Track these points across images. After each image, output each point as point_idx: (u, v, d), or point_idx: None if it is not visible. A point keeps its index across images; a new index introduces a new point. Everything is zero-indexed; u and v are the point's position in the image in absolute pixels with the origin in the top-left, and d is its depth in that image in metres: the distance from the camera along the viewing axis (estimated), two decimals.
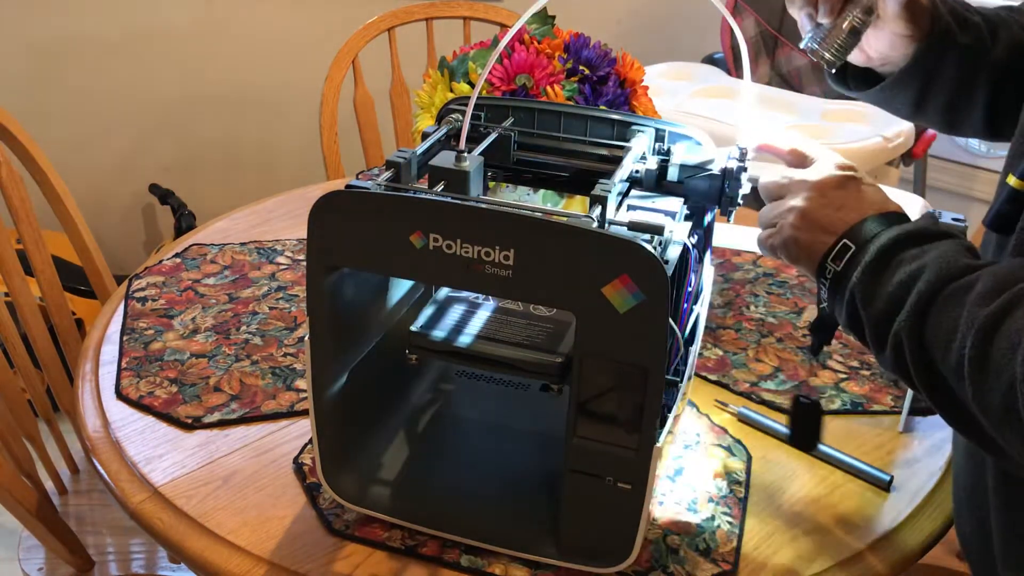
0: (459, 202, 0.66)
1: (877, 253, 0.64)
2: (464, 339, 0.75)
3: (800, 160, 0.75)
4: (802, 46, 0.83)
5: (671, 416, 0.70)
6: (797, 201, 0.70)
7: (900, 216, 0.67)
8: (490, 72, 1.06)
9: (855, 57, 0.84)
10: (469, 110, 0.71)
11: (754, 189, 0.76)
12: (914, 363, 0.60)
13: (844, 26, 0.79)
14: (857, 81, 0.88)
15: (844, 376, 1.00)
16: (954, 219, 0.69)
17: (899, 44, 0.81)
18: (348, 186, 0.66)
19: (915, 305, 0.60)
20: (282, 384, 0.96)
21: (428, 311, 0.79)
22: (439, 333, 0.76)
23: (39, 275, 1.27)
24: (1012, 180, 0.65)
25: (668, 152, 0.77)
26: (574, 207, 1.04)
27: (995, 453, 0.61)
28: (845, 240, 0.66)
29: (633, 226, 0.67)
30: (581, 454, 0.69)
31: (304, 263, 1.15)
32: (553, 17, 1.12)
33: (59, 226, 1.32)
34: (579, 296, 0.63)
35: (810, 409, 0.81)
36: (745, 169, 0.75)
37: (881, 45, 0.82)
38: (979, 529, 0.73)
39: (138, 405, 0.92)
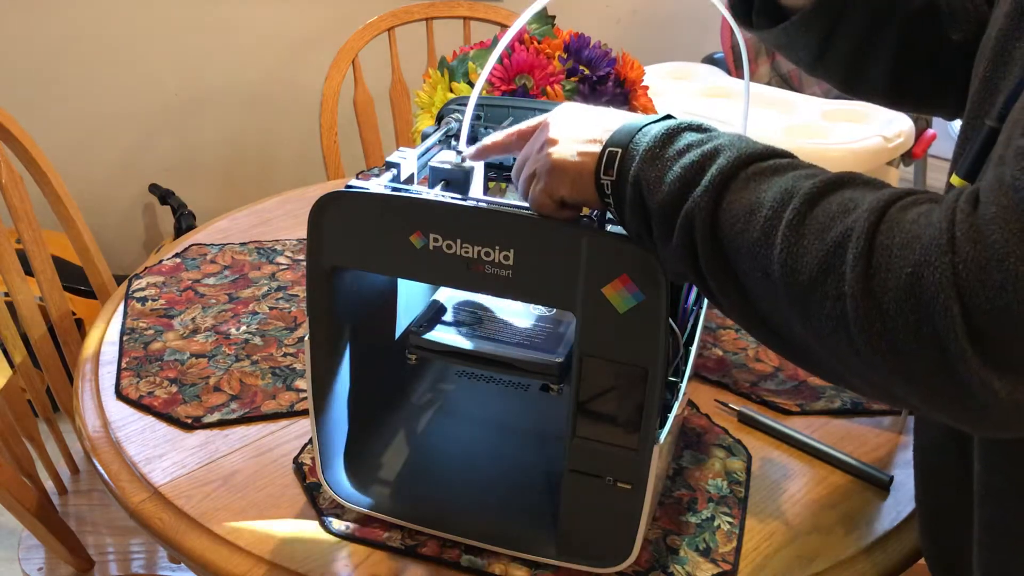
0: (459, 202, 0.66)
1: (659, 137, 0.58)
2: (464, 339, 0.75)
3: (528, 132, 0.69)
4: None
5: (671, 416, 0.70)
6: (540, 139, 0.64)
7: (658, 116, 0.61)
8: (490, 72, 1.06)
9: None
10: (469, 110, 0.71)
11: None
12: (704, 247, 0.55)
13: None
14: (761, 18, 0.83)
15: None
16: None
17: None
18: (348, 186, 0.66)
19: (713, 181, 0.54)
20: (282, 384, 0.96)
21: (428, 311, 0.79)
22: (439, 333, 0.76)
23: (39, 275, 1.27)
24: (955, 179, 0.64)
25: None
26: None
27: (795, 356, 0.55)
28: (609, 148, 0.60)
29: None
30: (581, 454, 0.69)
31: (304, 263, 1.15)
32: (553, 17, 1.12)
33: (59, 226, 1.32)
34: (579, 296, 0.63)
35: None
36: None
37: None
38: (940, 544, 0.72)
39: (138, 405, 0.92)
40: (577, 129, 0.63)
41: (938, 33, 0.79)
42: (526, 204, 0.65)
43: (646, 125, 0.60)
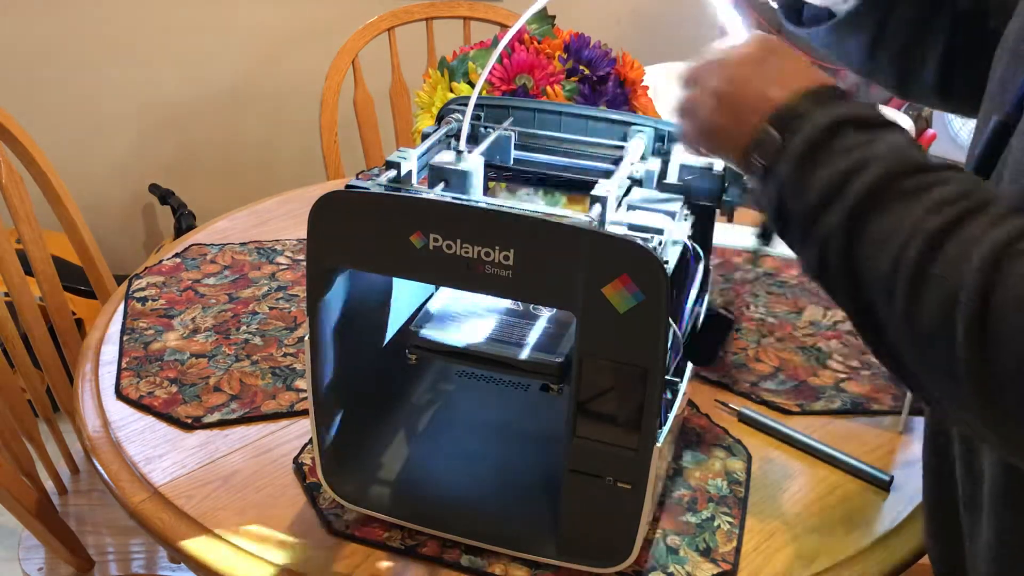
0: (459, 202, 0.66)
1: (813, 137, 0.56)
2: (464, 339, 0.75)
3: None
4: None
5: (671, 416, 0.70)
6: (712, 82, 0.63)
7: (833, 93, 0.59)
8: (490, 72, 1.06)
9: None
10: (469, 110, 0.71)
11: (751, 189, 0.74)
12: (839, 268, 0.55)
13: None
14: (811, 19, 0.82)
15: (844, 376, 1.00)
16: None
17: None
18: (348, 186, 0.66)
19: (856, 200, 0.53)
20: (282, 384, 0.96)
21: (428, 311, 0.79)
22: (439, 333, 0.76)
23: (39, 275, 1.27)
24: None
25: (668, 152, 0.77)
26: (574, 207, 1.04)
27: (915, 388, 0.56)
28: (769, 127, 0.59)
29: (633, 226, 0.67)
30: (581, 454, 0.69)
31: (304, 263, 1.15)
32: (553, 17, 1.12)
33: (59, 226, 1.32)
34: (579, 296, 0.63)
35: (719, 321, 0.74)
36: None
37: None
38: (947, 546, 0.72)
39: (138, 405, 0.92)
40: (740, 93, 0.61)
41: (988, 29, 0.78)
42: (526, 204, 0.65)
43: (812, 112, 0.58)
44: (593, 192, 0.66)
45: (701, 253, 0.78)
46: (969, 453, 0.65)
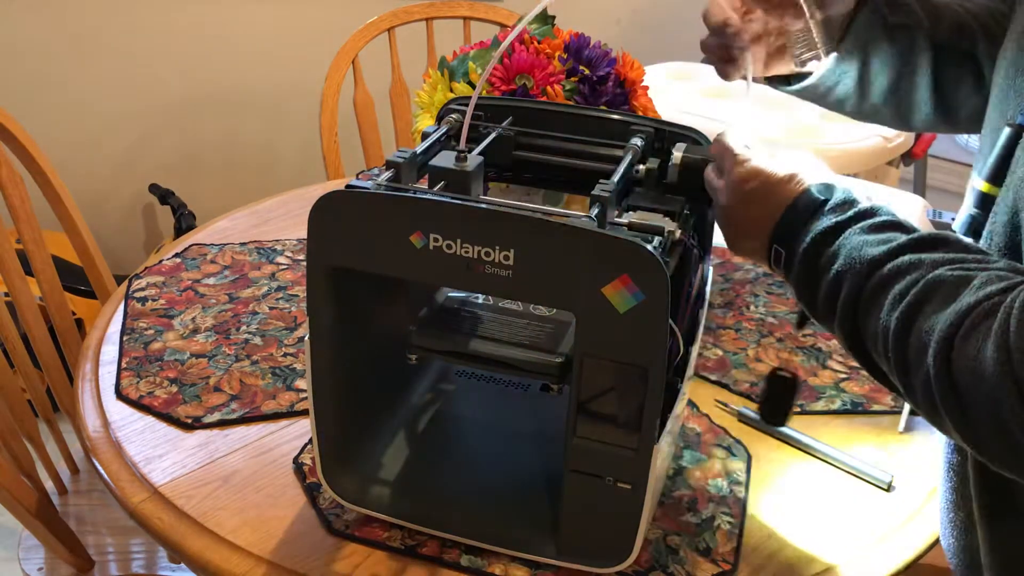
0: (459, 202, 0.66)
1: (800, 264, 0.65)
2: (464, 339, 0.75)
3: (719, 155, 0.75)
4: (799, 57, 0.84)
5: (671, 416, 0.70)
6: (720, 208, 0.72)
7: (806, 204, 0.67)
8: (490, 72, 1.06)
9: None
10: (470, 111, 0.71)
11: None
12: (857, 357, 0.64)
13: (817, 17, 0.81)
14: (797, 77, 0.88)
15: (844, 376, 1.00)
16: (952, 218, 0.69)
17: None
18: (348, 186, 0.66)
19: (842, 315, 0.62)
20: (282, 384, 0.96)
21: (428, 311, 0.79)
22: (439, 333, 0.76)
23: (39, 275, 1.27)
24: (984, 186, 0.65)
25: (668, 152, 0.77)
26: (574, 207, 1.04)
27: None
28: (776, 246, 0.68)
29: (633, 226, 0.67)
30: (581, 454, 0.69)
31: (304, 263, 1.15)
32: (553, 17, 1.12)
33: (59, 226, 1.32)
34: (579, 296, 0.63)
35: (785, 383, 0.80)
36: None
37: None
38: (963, 541, 0.73)
39: (138, 405, 0.92)
40: (746, 222, 0.70)
41: (973, 50, 0.81)
42: (526, 204, 0.65)
43: (800, 235, 0.66)
44: (593, 192, 0.66)
45: (701, 253, 0.78)
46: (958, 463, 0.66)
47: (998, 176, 0.64)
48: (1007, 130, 0.62)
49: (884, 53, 0.83)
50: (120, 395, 0.94)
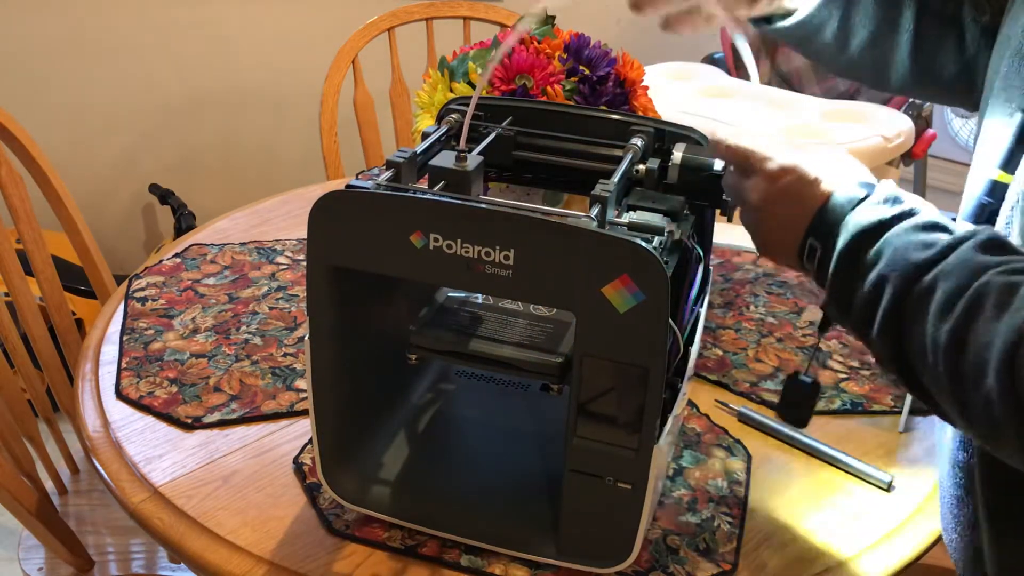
0: (459, 202, 0.66)
1: (838, 262, 0.62)
2: (464, 339, 0.75)
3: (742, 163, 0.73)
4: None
5: (671, 416, 0.70)
6: (752, 197, 0.70)
7: (847, 197, 0.64)
8: (490, 74, 1.06)
9: None
10: (470, 111, 0.71)
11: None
12: (897, 370, 0.60)
13: None
14: (779, 16, 0.86)
15: (844, 376, 1.00)
16: (953, 218, 0.68)
17: None
18: (348, 186, 0.66)
19: (883, 323, 0.59)
20: (282, 384, 0.96)
21: (428, 311, 0.79)
22: (439, 333, 0.76)
23: (39, 275, 1.27)
24: (1001, 176, 0.64)
25: (668, 152, 0.77)
26: (574, 207, 1.04)
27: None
28: (810, 240, 0.65)
29: (633, 226, 0.67)
30: (581, 454, 0.69)
31: (304, 263, 1.15)
32: (553, 17, 1.12)
33: (59, 226, 1.32)
34: (579, 296, 0.63)
35: (807, 387, 0.78)
36: None
37: None
38: (967, 538, 0.72)
39: (138, 405, 0.92)
40: (775, 232, 0.68)
41: (958, 14, 0.79)
42: (526, 204, 0.65)
43: (837, 231, 0.63)
44: (593, 192, 0.66)
45: (701, 253, 0.78)
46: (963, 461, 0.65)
47: (1012, 163, 0.63)
48: (1021, 116, 0.62)
49: (868, 4, 0.81)
50: (120, 395, 0.94)
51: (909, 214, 0.61)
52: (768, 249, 0.71)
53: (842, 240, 0.62)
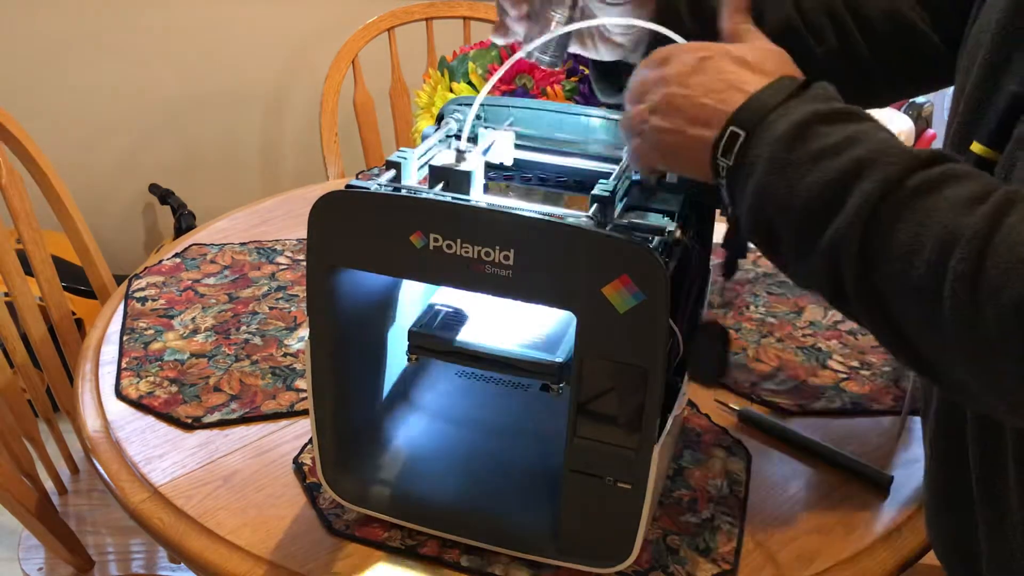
0: (459, 202, 0.66)
1: (788, 135, 0.52)
2: (464, 339, 0.75)
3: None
4: (522, 55, 0.78)
5: (671, 416, 0.70)
6: (656, 97, 0.60)
7: (790, 84, 0.56)
8: (490, 72, 1.06)
9: (610, 53, 0.80)
10: (472, 112, 0.71)
11: None
12: (854, 283, 0.51)
13: (552, 26, 0.76)
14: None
15: (844, 376, 1.00)
16: None
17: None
18: (348, 186, 0.66)
19: (860, 211, 0.49)
20: (282, 384, 0.96)
21: (427, 311, 0.79)
22: (439, 333, 0.76)
23: (39, 275, 1.27)
24: (977, 147, 0.59)
25: None
26: (574, 207, 1.04)
27: (944, 384, 0.53)
28: (732, 128, 0.55)
29: (633, 226, 0.67)
30: (581, 454, 0.69)
31: (304, 263, 1.15)
32: None
33: (59, 226, 1.32)
34: (579, 296, 0.63)
35: (712, 333, 0.70)
36: None
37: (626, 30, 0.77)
38: (958, 532, 0.72)
39: (138, 405, 0.92)
40: (690, 104, 0.58)
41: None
42: (526, 204, 0.65)
43: (779, 106, 0.54)
44: (593, 192, 0.66)
45: (701, 253, 0.78)
46: (985, 432, 0.64)
47: (999, 140, 0.62)
48: (1007, 93, 0.61)
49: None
50: (120, 395, 0.94)
51: (867, 116, 0.53)
52: (673, 153, 0.61)
53: (791, 117, 0.53)
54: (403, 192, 0.68)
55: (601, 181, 0.68)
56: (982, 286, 0.45)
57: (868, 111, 0.56)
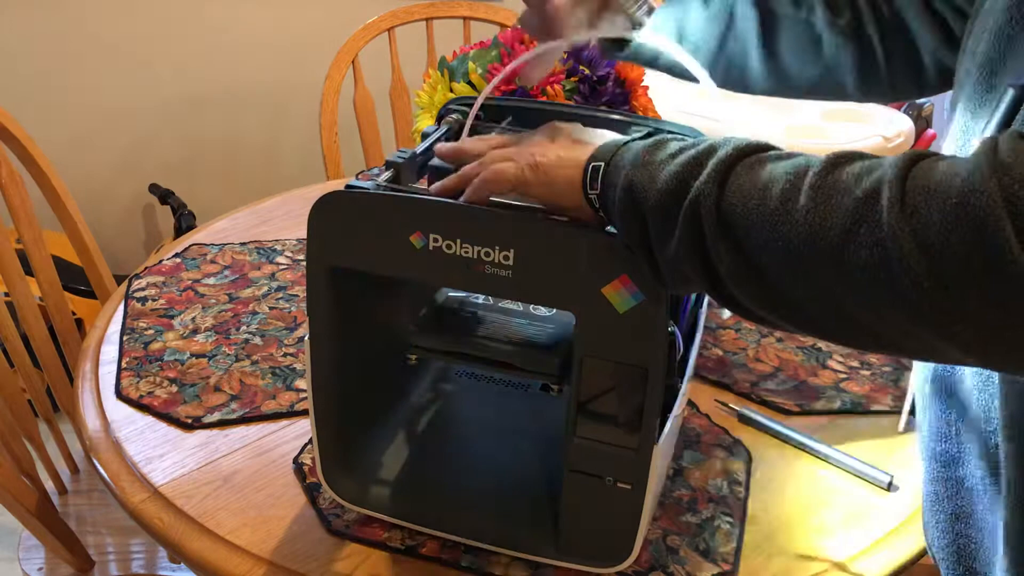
0: (459, 202, 0.66)
1: (647, 146, 0.58)
2: (464, 339, 0.75)
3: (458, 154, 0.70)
4: (628, 11, 0.78)
5: (671, 416, 0.70)
6: (526, 157, 0.64)
7: (634, 136, 0.61)
8: (490, 72, 1.06)
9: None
10: (473, 112, 0.71)
11: None
12: (712, 230, 0.53)
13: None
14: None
15: (844, 376, 1.00)
16: None
17: None
18: (348, 186, 0.66)
19: (717, 168, 0.53)
20: (282, 384, 0.96)
21: (427, 311, 0.79)
22: (439, 333, 0.76)
23: (39, 275, 1.27)
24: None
25: None
26: None
27: (819, 329, 0.55)
28: (592, 163, 0.60)
29: None
30: (581, 454, 0.69)
31: (304, 263, 1.15)
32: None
33: (59, 226, 1.32)
34: (579, 296, 0.63)
35: None
36: None
37: None
38: (954, 533, 0.72)
39: (138, 405, 0.92)
40: (557, 145, 0.64)
41: (811, 18, 0.79)
42: (526, 204, 0.64)
43: (629, 141, 0.61)
44: None
45: None
46: (988, 428, 0.64)
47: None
48: (1009, 92, 0.61)
49: (699, 19, 0.79)
50: (120, 395, 0.94)
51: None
52: (557, 193, 0.63)
53: (643, 141, 0.59)
54: (403, 192, 0.68)
55: None
56: (833, 195, 0.49)
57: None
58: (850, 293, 0.50)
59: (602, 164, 0.60)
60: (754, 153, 0.55)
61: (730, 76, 0.84)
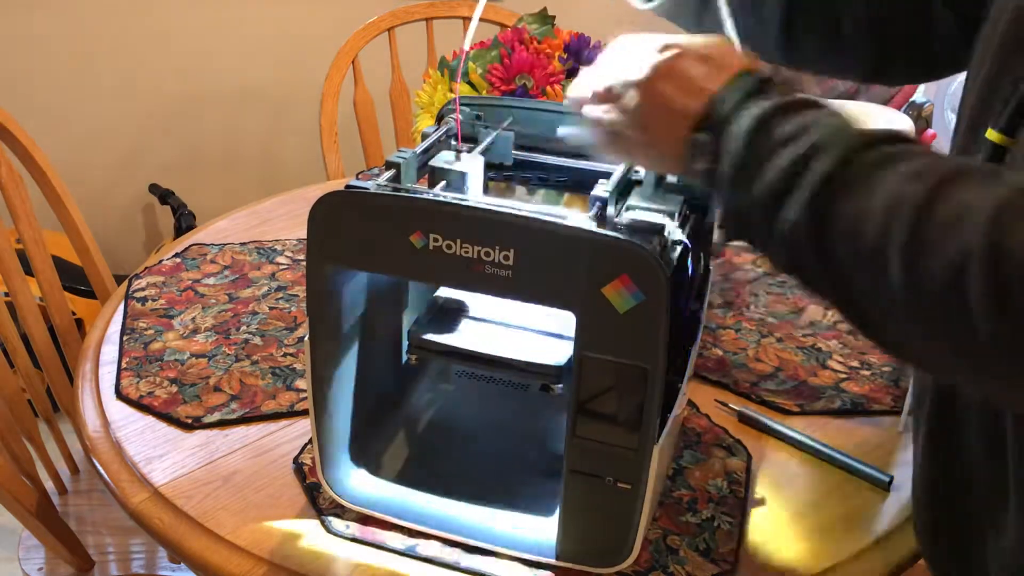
0: (459, 202, 0.66)
1: (746, 138, 0.57)
2: (464, 339, 0.75)
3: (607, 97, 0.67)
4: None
5: (671, 416, 0.70)
6: (628, 101, 0.64)
7: (752, 82, 0.60)
8: (490, 72, 1.06)
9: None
10: (457, 112, 0.71)
11: None
12: (812, 258, 0.54)
13: None
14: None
15: (844, 376, 1.00)
16: None
17: None
18: (348, 186, 0.66)
19: (816, 186, 0.53)
20: (282, 384, 0.96)
21: (427, 311, 0.79)
22: (439, 333, 0.76)
23: (39, 275, 1.27)
24: (992, 134, 0.60)
25: None
26: (574, 207, 1.04)
27: (927, 366, 0.56)
28: (699, 136, 0.60)
29: (633, 226, 0.67)
30: (581, 454, 0.69)
31: (304, 263, 1.15)
32: (553, 17, 1.12)
33: (59, 226, 1.32)
34: (579, 296, 0.63)
35: None
36: None
37: None
38: (946, 521, 0.71)
39: (138, 405, 0.92)
40: (660, 111, 0.62)
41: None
42: (526, 204, 0.65)
43: (737, 109, 0.58)
44: (593, 192, 0.66)
45: (701, 253, 0.78)
46: (992, 428, 0.63)
47: (1012, 128, 0.62)
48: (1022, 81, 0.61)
49: None
50: (120, 395, 0.94)
51: (826, 105, 0.57)
52: (645, 154, 0.65)
53: (747, 119, 0.57)
54: (403, 192, 0.68)
55: (601, 181, 0.69)
56: (923, 255, 0.48)
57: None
58: (944, 349, 0.50)
59: (707, 140, 0.59)
60: (854, 158, 0.52)
61: (755, 46, 0.82)
